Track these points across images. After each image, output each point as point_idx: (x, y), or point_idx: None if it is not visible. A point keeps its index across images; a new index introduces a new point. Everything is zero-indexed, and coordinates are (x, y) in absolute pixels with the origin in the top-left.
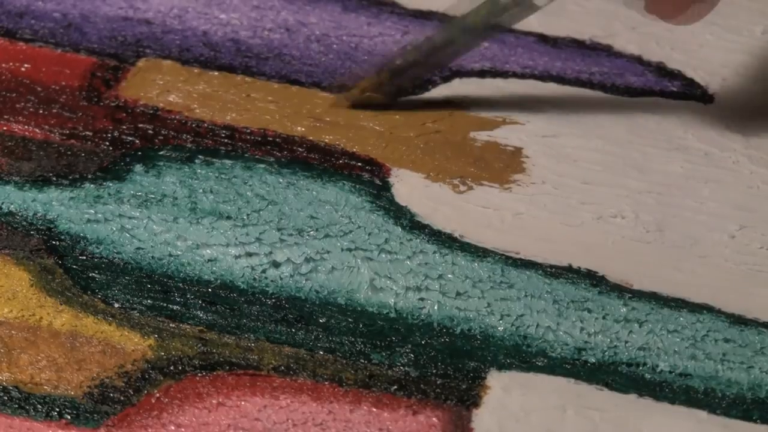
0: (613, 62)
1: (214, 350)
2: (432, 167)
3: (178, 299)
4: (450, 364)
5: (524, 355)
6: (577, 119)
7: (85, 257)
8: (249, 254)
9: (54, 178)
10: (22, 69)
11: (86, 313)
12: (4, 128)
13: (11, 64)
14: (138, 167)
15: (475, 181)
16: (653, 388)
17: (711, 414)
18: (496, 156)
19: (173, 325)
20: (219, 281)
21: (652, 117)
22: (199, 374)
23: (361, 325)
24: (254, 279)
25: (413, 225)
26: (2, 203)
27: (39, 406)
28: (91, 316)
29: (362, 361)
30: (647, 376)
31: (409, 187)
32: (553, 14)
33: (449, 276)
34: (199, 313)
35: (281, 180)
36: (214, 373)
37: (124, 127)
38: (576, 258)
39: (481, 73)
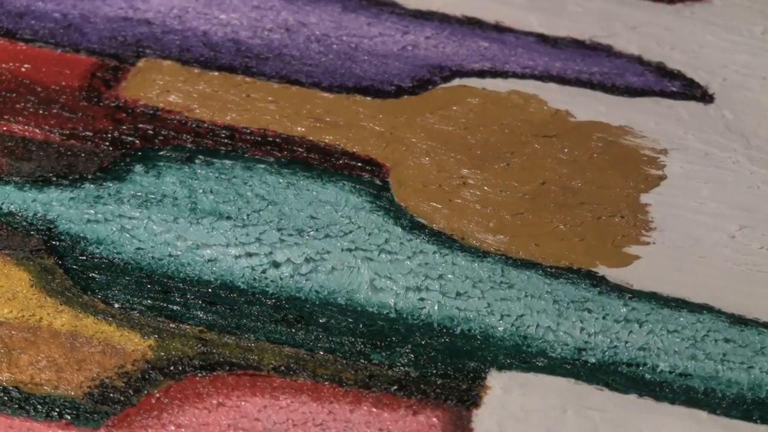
0: (613, 62)
1: (214, 350)
2: (432, 167)
3: (178, 299)
4: (450, 364)
5: (524, 356)
6: (578, 119)
7: (85, 257)
8: (249, 254)
9: (54, 179)
10: (22, 69)
11: (86, 314)
12: (5, 128)
13: (11, 64)
14: (138, 167)
15: (475, 181)
16: (653, 388)
17: (711, 414)
18: (496, 156)
19: (173, 326)
20: (219, 281)
21: (652, 117)
22: (199, 374)
23: (361, 325)
24: (254, 279)
25: (413, 225)
26: (2, 203)
27: (39, 407)
28: (91, 316)
29: (362, 361)
30: (647, 376)
31: (409, 187)
32: (554, 14)
33: (449, 276)
34: (199, 313)
35: (281, 180)
36: (214, 373)
37: (124, 127)
38: (575, 257)
39: (481, 73)
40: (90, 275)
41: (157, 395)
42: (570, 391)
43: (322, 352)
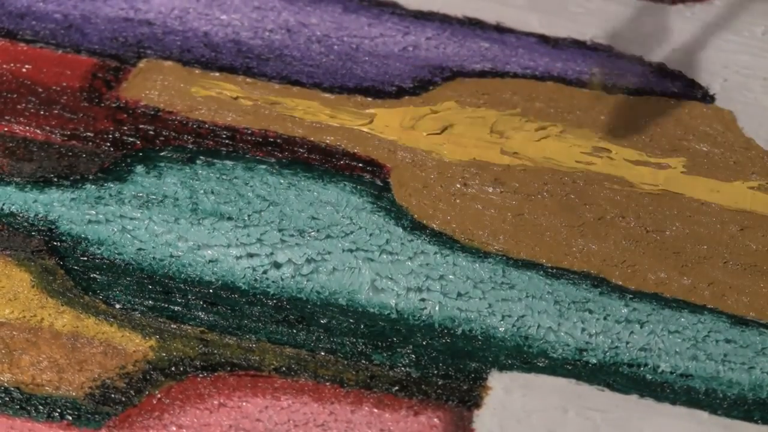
0: (614, 63)
1: (216, 351)
2: (433, 167)
3: (179, 300)
4: (451, 364)
5: (525, 356)
6: (578, 119)
7: (86, 258)
8: (250, 255)
9: (55, 179)
10: (23, 70)
11: (87, 314)
12: (6, 129)
13: (12, 65)
14: (139, 168)
15: (476, 182)
16: (654, 388)
17: (712, 414)
18: (495, 158)
19: (174, 326)
20: (220, 282)
21: (653, 117)
22: (201, 375)
23: (362, 326)
24: (255, 280)
25: (414, 225)
26: (4, 204)
27: (40, 407)
28: (92, 317)
29: (363, 361)
30: (648, 376)
31: (410, 187)
32: (554, 15)
33: (450, 277)
34: (200, 314)
35: (282, 181)
36: (216, 373)
37: (125, 128)
38: (576, 258)
39: (482, 74)
40: (91, 276)
41: (159, 396)
42: (571, 391)
43: (323, 353)
